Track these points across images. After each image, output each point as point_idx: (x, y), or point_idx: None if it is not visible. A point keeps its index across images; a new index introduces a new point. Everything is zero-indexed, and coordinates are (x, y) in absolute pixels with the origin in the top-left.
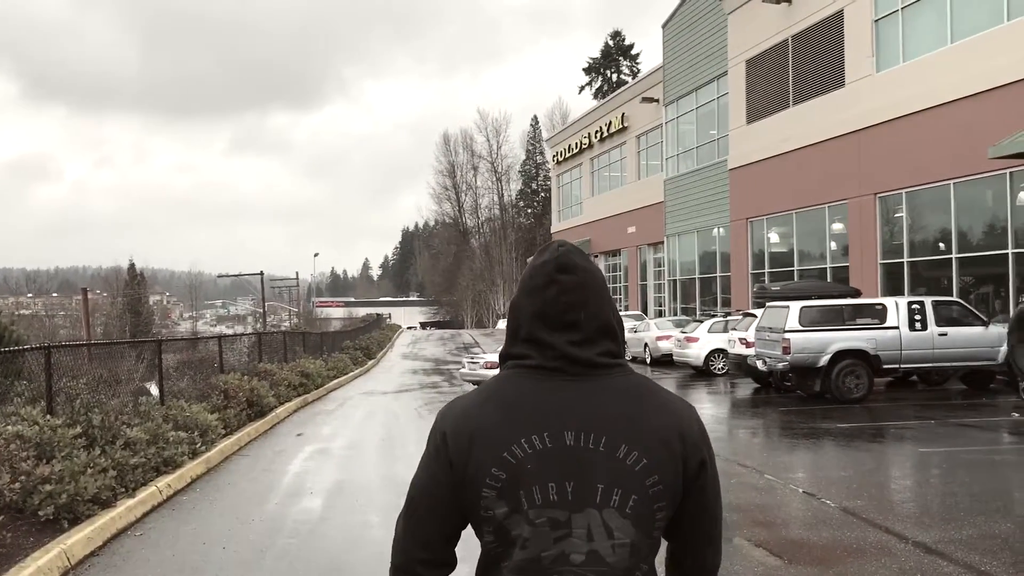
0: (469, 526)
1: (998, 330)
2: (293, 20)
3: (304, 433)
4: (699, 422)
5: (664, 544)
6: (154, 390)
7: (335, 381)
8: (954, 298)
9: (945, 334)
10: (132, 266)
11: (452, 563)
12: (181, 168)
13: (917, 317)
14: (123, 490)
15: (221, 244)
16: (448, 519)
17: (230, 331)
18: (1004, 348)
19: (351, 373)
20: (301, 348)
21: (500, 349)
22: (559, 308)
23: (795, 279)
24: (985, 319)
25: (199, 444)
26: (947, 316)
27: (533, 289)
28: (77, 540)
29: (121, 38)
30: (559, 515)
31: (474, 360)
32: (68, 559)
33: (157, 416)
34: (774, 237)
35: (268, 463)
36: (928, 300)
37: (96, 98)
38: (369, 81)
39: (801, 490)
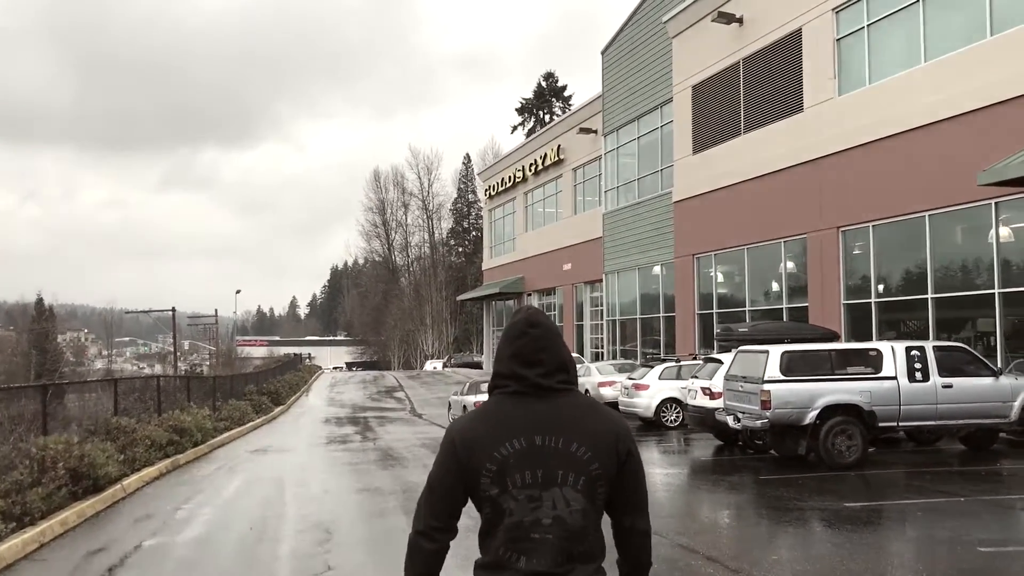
0: (466, 510)
1: (1010, 382)
2: (228, 59)
3: (152, 514)
4: (626, 426)
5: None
6: None
7: (225, 435)
8: (959, 343)
9: (950, 386)
10: (40, 300)
11: (455, 530)
12: (110, 203)
13: (917, 365)
14: None
15: (148, 281)
16: (455, 499)
17: (148, 370)
18: (1018, 404)
19: (250, 423)
20: (184, 396)
21: (488, 381)
22: (529, 351)
23: (747, 320)
24: (995, 369)
25: None
26: (951, 365)
27: (511, 338)
28: None
29: (53, 72)
30: (534, 492)
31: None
32: None
33: None
34: (722, 276)
35: None
36: (929, 345)
37: (23, 130)
38: (302, 121)
39: None
